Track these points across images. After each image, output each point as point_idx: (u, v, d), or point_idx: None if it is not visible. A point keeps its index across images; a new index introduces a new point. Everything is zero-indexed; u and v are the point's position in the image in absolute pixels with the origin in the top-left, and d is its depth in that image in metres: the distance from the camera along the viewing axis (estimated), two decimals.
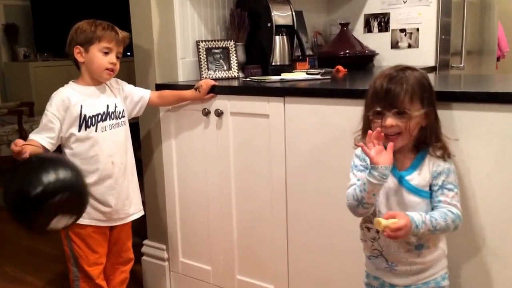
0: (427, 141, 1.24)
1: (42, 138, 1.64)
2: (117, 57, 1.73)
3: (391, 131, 1.20)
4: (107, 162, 1.72)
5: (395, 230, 1.14)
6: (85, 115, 1.69)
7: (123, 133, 1.80)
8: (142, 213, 1.89)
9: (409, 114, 1.18)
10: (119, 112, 1.78)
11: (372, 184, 1.18)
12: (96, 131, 1.70)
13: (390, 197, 1.25)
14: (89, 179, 1.69)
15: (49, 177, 1.32)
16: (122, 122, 1.79)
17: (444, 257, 1.30)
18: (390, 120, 1.19)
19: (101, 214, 1.75)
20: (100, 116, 1.72)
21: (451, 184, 1.21)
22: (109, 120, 1.74)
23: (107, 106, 1.74)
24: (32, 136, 1.66)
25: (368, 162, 1.21)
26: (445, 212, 1.18)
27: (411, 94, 1.18)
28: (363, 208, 1.24)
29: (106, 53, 1.69)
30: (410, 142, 1.24)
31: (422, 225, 1.16)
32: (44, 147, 1.63)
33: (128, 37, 1.78)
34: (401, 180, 1.23)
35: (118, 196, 1.76)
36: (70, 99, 1.68)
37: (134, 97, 1.87)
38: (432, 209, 1.22)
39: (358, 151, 1.30)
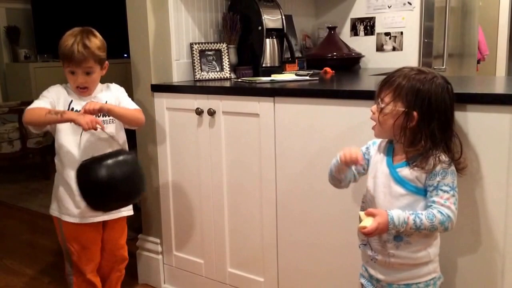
0: (418, 143, 1.20)
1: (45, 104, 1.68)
2: (87, 73, 1.68)
3: (372, 117, 1.27)
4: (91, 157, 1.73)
5: (365, 232, 1.17)
6: (72, 108, 1.71)
7: (112, 130, 1.78)
8: (131, 212, 1.88)
9: (381, 106, 1.23)
10: None
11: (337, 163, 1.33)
12: None
13: (379, 187, 1.26)
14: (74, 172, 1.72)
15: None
16: (111, 120, 1.78)
17: (430, 263, 1.26)
18: (373, 107, 1.27)
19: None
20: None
21: (447, 185, 1.17)
22: (97, 116, 1.72)
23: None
24: (38, 103, 1.68)
25: (368, 151, 1.36)
26: (433, 213, 1.16)
27: (397, 90, 1.19)
28: (332, 179, 1.39)
29: (72, 73, 1.69)
30: (385, 135, 1.27)
31: (404, 225, 1.16)
32: None
33: (97, 47, 1.68)
34: (391, 171, 1.25)
35: None
36: (62, 93, 1.73)
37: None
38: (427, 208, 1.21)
39: (370, 141, 1.37)
